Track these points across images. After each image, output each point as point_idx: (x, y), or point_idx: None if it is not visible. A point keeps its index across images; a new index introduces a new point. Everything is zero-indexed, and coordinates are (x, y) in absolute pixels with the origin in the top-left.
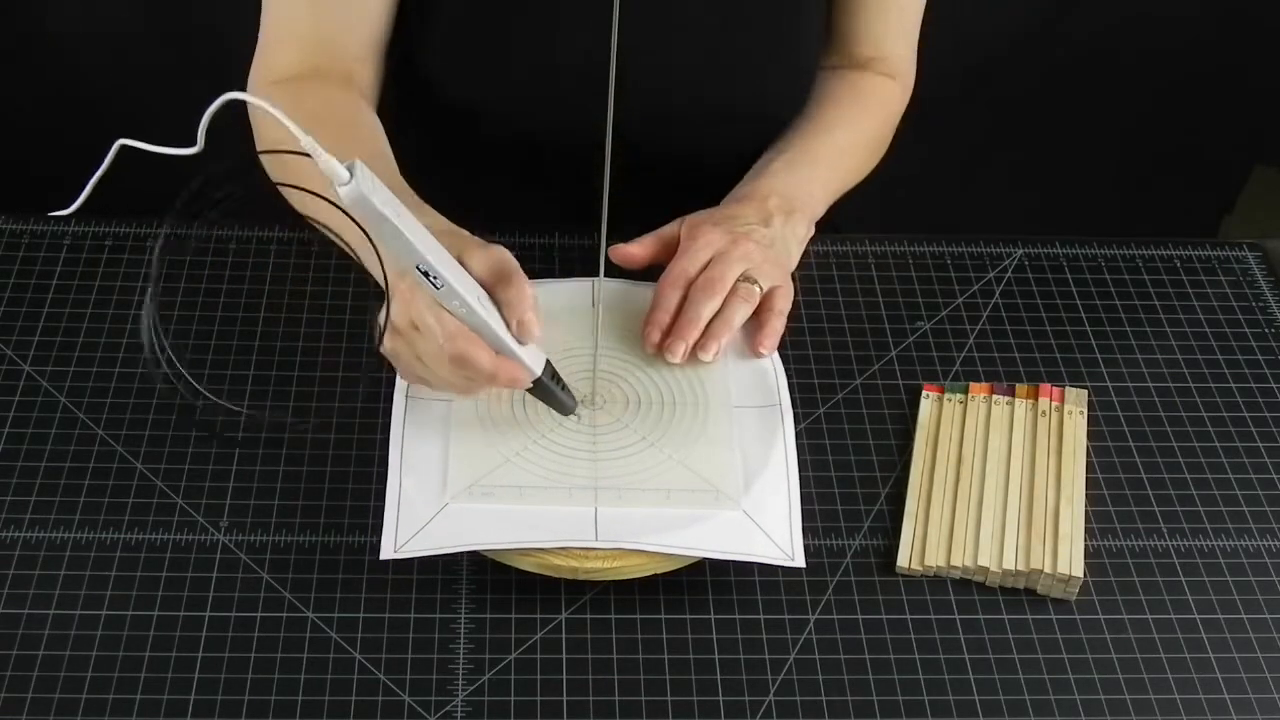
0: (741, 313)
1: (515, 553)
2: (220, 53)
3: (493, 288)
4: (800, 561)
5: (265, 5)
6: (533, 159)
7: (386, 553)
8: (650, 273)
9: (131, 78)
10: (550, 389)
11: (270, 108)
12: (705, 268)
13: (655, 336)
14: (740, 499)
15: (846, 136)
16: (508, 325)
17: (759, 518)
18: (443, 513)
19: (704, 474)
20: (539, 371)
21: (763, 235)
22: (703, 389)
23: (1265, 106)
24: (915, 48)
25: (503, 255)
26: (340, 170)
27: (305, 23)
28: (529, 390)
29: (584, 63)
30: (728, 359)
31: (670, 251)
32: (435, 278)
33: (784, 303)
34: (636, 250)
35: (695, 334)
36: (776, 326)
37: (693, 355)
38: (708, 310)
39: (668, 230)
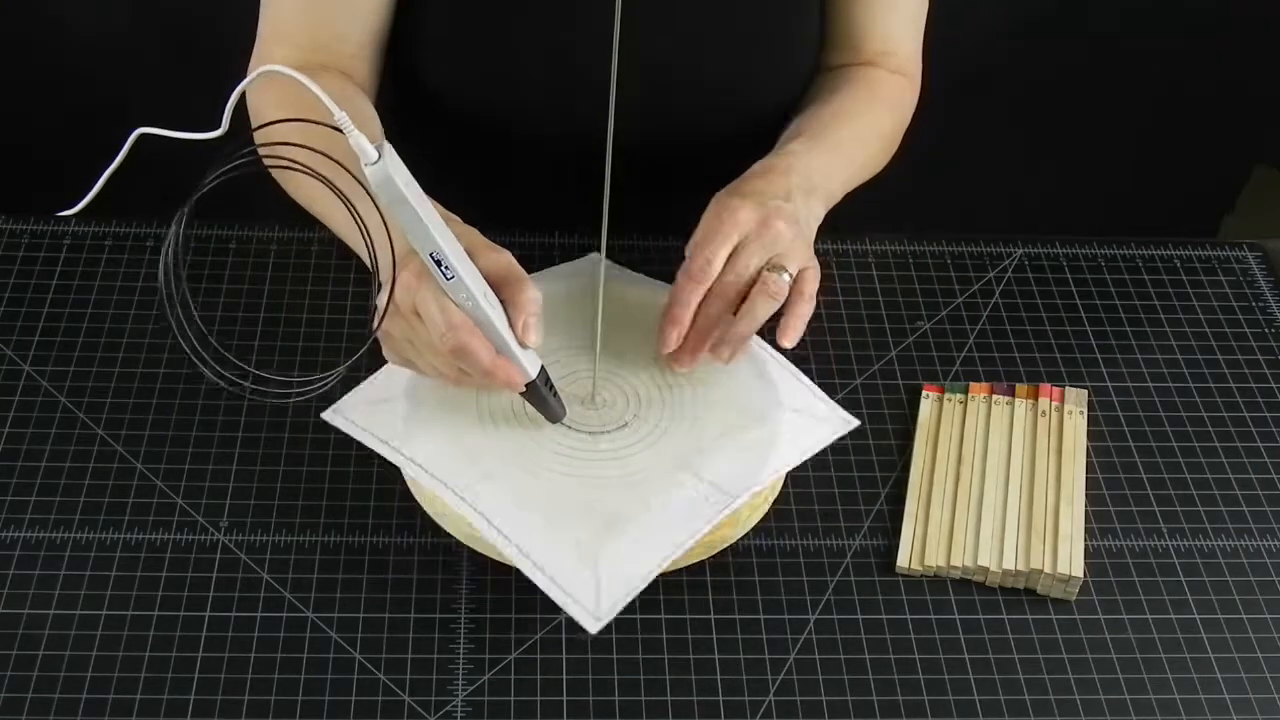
0: (768, 309)
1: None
2: (221, 54)
3: (499, 289)
4: (854, 420)
5: (262, 6)
6: (529, 156)
7: (591, 628)
8: (649, 270)
9: (131, 79)
10: (543, 394)
11: (306, 80)
12: (732, 255)
13: (672, 337)
14: (782, 403)
15: (863, 127)
16: (513, 326)
17: (803, 410)
18: (610, 570)
19: (741, 406)
20: (534, 375)
21: (791, 211)
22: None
23: (1265, 107)
24: (920, 45)
25: (510, 259)
26: (369, 149)
27: (299, 23)
28: (521, 394)
29: (580, 58)
30: None
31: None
32: (447, 268)
33: (813, 285)
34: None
35: (708, 344)
36: (803, 312)
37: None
38: (729, 315)
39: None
